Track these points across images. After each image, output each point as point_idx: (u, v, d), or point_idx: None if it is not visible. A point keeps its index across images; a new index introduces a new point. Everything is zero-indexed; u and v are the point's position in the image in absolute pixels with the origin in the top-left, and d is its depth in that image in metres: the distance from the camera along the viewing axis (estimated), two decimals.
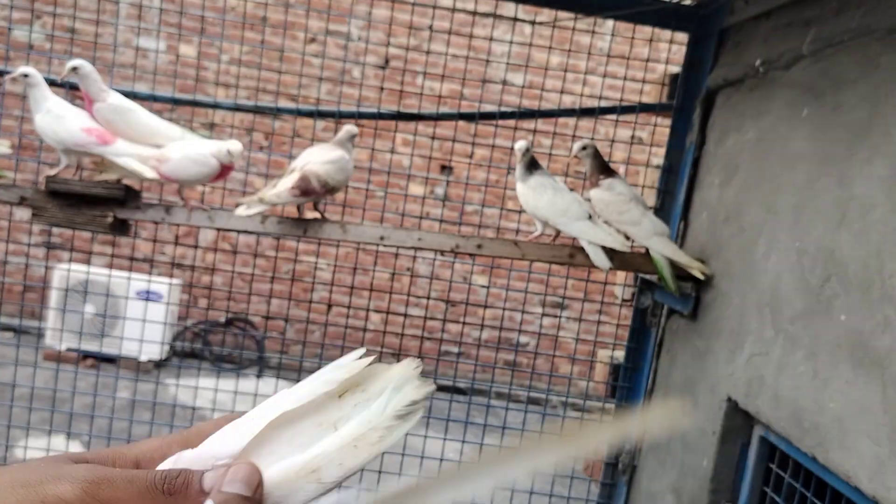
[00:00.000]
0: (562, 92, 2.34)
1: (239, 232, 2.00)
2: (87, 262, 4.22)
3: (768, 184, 1.75)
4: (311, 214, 2.03)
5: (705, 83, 2.11)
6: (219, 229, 1.97)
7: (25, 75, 1.96)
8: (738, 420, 1.77)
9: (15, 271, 4.60)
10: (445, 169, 5.41)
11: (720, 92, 2.07)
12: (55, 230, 5.05)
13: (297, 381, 0.51)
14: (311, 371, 0.52)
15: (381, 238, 1.96)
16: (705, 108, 2.11)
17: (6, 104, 2.46)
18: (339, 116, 2.57)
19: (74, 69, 1.98)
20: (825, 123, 1.56)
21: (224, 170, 2.03)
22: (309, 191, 1.93)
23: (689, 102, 2.19)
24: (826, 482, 1.48)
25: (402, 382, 0.49)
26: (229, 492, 0.45)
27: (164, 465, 0.47)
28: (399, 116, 2.62)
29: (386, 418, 0.48)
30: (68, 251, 4.76)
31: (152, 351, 5.14)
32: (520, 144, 2.05)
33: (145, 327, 2.87)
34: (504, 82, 2.58)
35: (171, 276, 5.11)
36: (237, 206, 1.96)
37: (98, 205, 1.87)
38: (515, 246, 1.99)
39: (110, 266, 3.37)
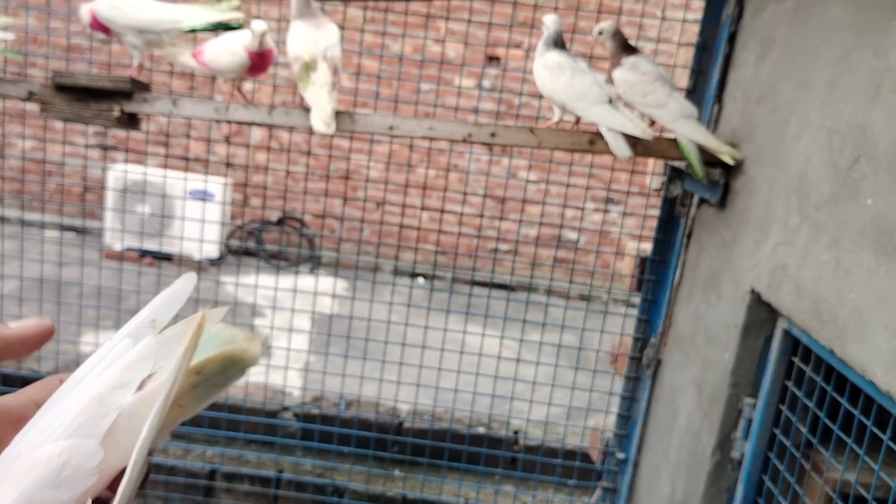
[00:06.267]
0: None
1: (270, 127, 1.95)
2: (141, 163, 4.30)
3: (803, 57, 1.59)
4: None
5: None
6: (228, 121, 1.93)
7: None
8: (762, 313, 1.68)
9: (72, 173, 4.73)
10: (493, 60, 5.21)
11: None
12: (110, 132, 5.14)
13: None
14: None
15: (391, 128, 1.89)
16: None
17: None
18: None
19: None
20: None
21: (260, 59, 1.97)
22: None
23: None
24: (846, 377, 1.40)
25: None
26: None
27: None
28: None
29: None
30: (123, 152, 4.87)
31: (208, 250, 5.29)
32: (549, 17, 1.91)
33: (200, 227, 2.91)
34: None
35: (225, 175, 5.18)
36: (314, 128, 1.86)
37: (105, 98, 1.85)
38: (531, 133, 1.89)
39: (165, 167, 3.42)
